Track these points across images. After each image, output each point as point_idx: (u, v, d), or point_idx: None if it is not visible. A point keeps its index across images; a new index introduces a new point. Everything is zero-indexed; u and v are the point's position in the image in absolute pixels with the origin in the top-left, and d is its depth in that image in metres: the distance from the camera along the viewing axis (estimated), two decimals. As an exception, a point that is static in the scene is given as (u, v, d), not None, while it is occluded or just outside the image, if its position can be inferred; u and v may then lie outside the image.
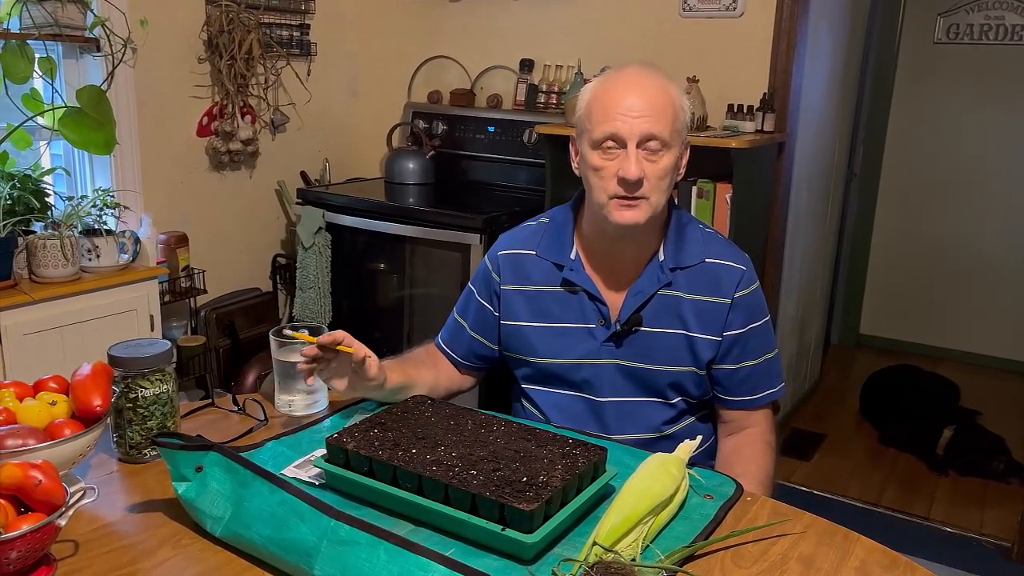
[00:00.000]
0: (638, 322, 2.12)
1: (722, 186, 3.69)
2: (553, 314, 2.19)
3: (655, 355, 2.13)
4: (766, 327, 2.18)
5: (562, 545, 1.53)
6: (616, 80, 2.02)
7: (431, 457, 1.63)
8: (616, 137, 1.97)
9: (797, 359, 5.22)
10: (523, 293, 2.22)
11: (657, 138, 1.96)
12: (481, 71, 4.90)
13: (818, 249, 5.34)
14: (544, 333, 2.20)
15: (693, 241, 2.16)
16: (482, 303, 2.30)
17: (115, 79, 3.73)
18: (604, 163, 2.00)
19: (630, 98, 1.97)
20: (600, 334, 2.15)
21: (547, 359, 2.20)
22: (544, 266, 2.21)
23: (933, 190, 6.34)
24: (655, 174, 1.99)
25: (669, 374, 2.14)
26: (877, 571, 1.51)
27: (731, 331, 2.12)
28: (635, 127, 1.95)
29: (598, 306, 2.15)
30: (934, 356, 6.37)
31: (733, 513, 1.70)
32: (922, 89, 6.27)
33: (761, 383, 2.18)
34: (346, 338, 1.93)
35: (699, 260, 2.13)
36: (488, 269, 2.29)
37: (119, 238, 3.58)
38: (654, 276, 2.12)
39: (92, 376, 1.70)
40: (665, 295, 2.12)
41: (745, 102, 3.97)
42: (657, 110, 1.96)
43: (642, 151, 1.97)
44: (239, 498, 1.52)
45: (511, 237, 2.31)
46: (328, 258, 4.49)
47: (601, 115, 1.99)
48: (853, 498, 4.42)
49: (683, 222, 2.18)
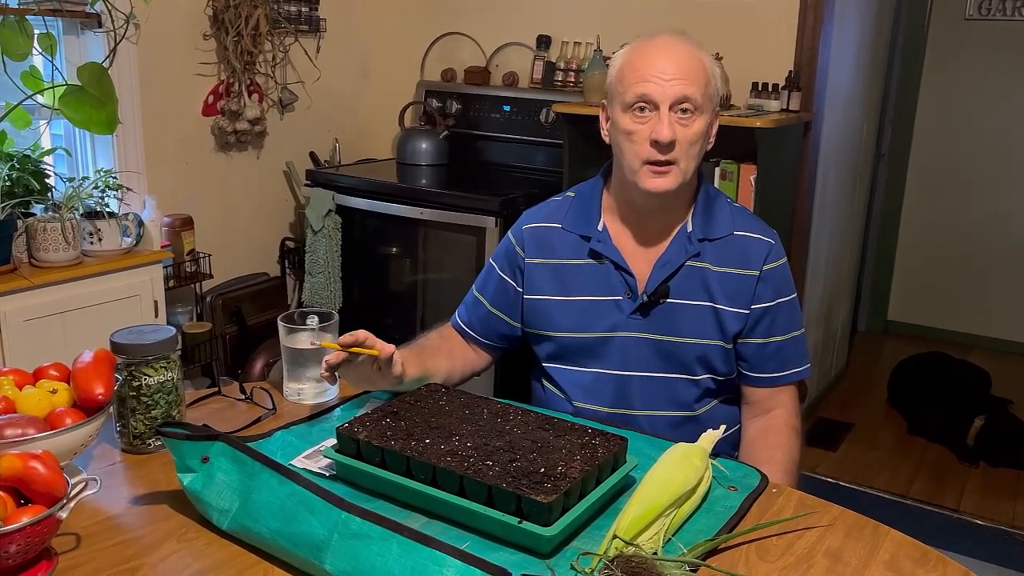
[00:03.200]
0: (665, 293, 2.13)
1: (746, 167, 3.68)
2: (579, 287, 2.20)
3: (682, 327, 2.14)
4: (794, 304, 2.20)
5: (581, 538, 1.52)
6: (648, 45, 2.05)
7: (445, 447, 1.62)
8: (648, 99, 2.00)
9: (823, 346, 5.20)
10: (548, 266, 2.23)
11: (690, 100, 2.00)
12: (496, 48, 4.88)
13: (845, 232, 5.32)
14: (569, 307, 2.21)
15: (722, 213, 2.18)
16: (503, 278, 2.31)
17: (117, 56, 3.71)
18: (636, 126, 2.03)
19: (663, 62, 2.00)
20: (627, 306, 2.16)
21: (571, 333, 2.21)
22: (570, 239, 2.23)
23: (964, 171, 6.31)
24: (687, 138, 2.02)
25: (696, 347, 2.15)
26: (908, 565, 1.50)
27: (759, 304, 2.14)
28: (668, 89, 1.99)
29: (625, 277, 2.16)
30: (964, 343, 6.34)
31: (758, 505, 1.69)
32: (952, 67, 6.22)
33: (789, 360, 2.19)
34: (368, 338, 1.92)
35: (727, 232, 2.15)
36: (512, 244, 2.31)
37: (122, 221, 3.58)
38: (682, 247, 2.14)
39: (94, 363, 1.69)
40: (693, 266, 2.13)
41: (770, 80, 3.93)
42: (690, 74, 2.00)
43: (674, 114, 2.00)
44: (247, 490, 1.51)
45: (536, 211, 2.33)
46: (338, 242, 4.48)
47: (633, 77, 2.02)
48: (881, 489, 4.41)
49: (711, 194, 2.21)
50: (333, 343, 1.94)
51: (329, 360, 1.92)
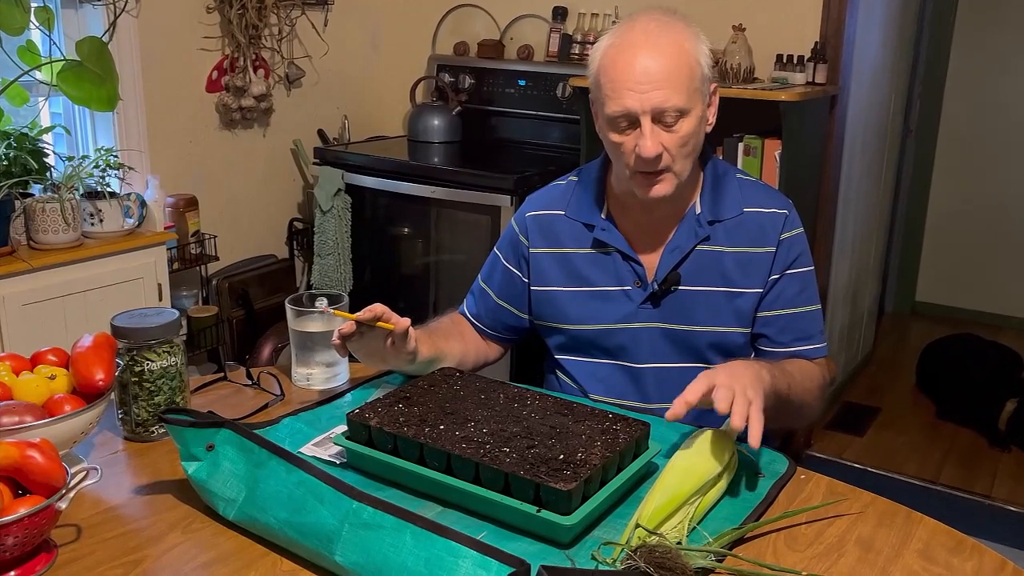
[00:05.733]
0: (676, 280, 2.10)
1: (771, 142, 3.66)
2: (586, 277, 2.18)
3: (696, 315, 2.12)
4: (810, 277, 2.16)
5: (602, 527, 1.51)
6: (623, 45, 1.97)
7: (460, 434, 1.61)
8: (628, 115, 1.94)
9: (850, 328, 5.18)
10: (555, 256, 2.21)
11: (672, 109, 1.92)
12: (511, 20, 4.86)
13: (872, 210, 5.29)
14: (578, 298, 2.18)
15: (731, 192, 2.14)
16: (509, 268, 2.28)
17: (117, 30, 3.70)
18: (621, 139, 1.99)
19: (639, 65, 1.92)
20: (637, 296, 2.13)
21: (581, 325, 2.19)
22: (574, 227, 2.20)
23: (995, 147, 6.26)
24: (675, 143, 1.96)
25: (712, 335, 2.12)
26: (942, 554, 1.49)
27: (775, 275, 2.11)
28: (646, 101, 1.91)
29: (633, 266, 2.13)
30: (995, 324, 6.30)
31: (786, 492, 1.68)
32: (983, 39, 6.17)
33: (804, 334, 2.15)
34: (384, 312, 1.91)
35: (738, 212, 2.12)
36: (515, 232, 2.28)
37: (123, 201, 3.57)
38: (691, 230, 2.11)
39: (94, 348, 1.68)
40: (704, 250, 2.10)
41: (795, 52, 3.91)
42: (670, 75, 1.92)
43: (658, 124, 1.94)
44: (254, 479, 1.50)
45: (539, 198, 2.30)
46: (348, 222, 4.48)
47: (610, 89, 1.96)
48: (910, 476, 4.40)
49: (719, 172, 2.17)
50: (347, 314, 1.94)
51: (343, 330, 1.92)
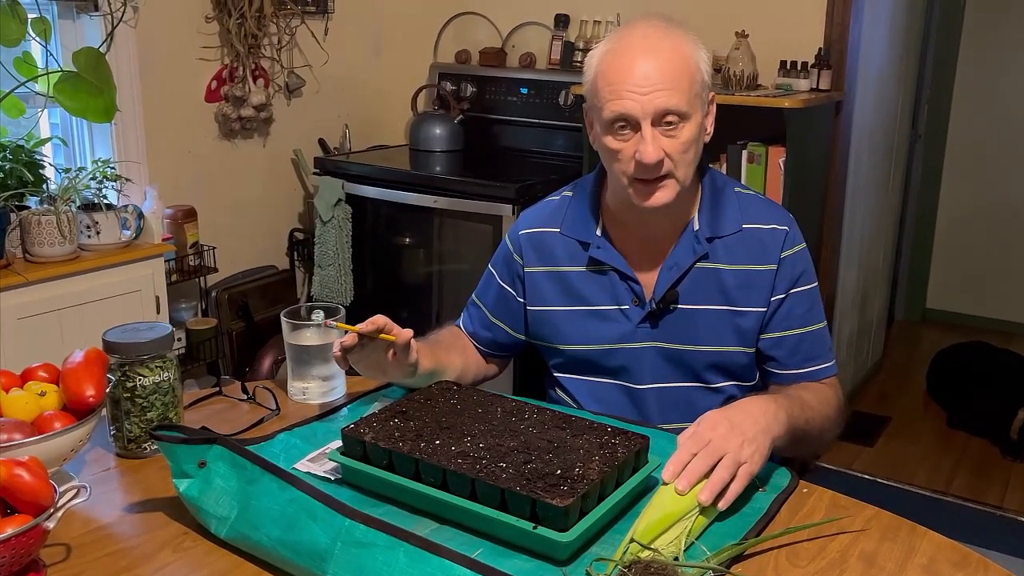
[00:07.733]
0: (674, 299, 2.08)
1: (775, 150, 3.65)
2: (583, 296, 2.16)
3: (696, 335, 2.10)
4: (814, 294, 2.13)
5: (600, 544, 1.51)
6: (621, 49, 1.95)
7: (456, 449, 1.60)
8: (627, 118, 1.91)
9: (859, 336, 5.17)
10: (551, 275, 2.19)
11: (673, 111, 1.90)
12: (513, 28, 4.87)
13: (880, 217, 5.28)
14: (574, 317, 2.16)
15: (730, 207, 2.11)
16: (503, 287, 2.27)
17: (115, 40, 3.69)
18: (620, 145, 1.95)
19: (638, 69, 1.90)
20: (635, 315, 2.11)
21: (579, 345, 2.17)
22: (569, 244, 2.17)
23: (1005, 152, 6.25)
24: (677, 149, 1.94)
25: (713, 354, 2.10)
26: (947, 569, 1.48)
27: (778, 295, 2.08)
28: (647, 104, 1.89)
29: (630, 285, 2.11)
30: (1007, 331, 6.29)
31: (788, 506, 1.67)
32: (991, 42, 6.17)
33: (812, 355, 2.12)
34: (387, 324, 1.90)
35: (737, 228, 2.09)
36: (509, 250, 2.26)
37: (121, 213, 3.58)
38: (689, 247, 2.08)
39: (85, 364, 1.68)
40: (703, 268, 2.08)
41: (799, 58, 3.91)
42: (670, 79, 1.90)
43: (659, 128, 1.92)
44: (246, 496, 1.50)
45: (532, 214, 2.27)
46: (349, 232, 4.48)
47: (608, 93, 1.93)
48: (920, 486, 4.40)
49: (718, 186, 2.14)
50: (348, 325, 1.93)
51: (345, 342, 1.91)
